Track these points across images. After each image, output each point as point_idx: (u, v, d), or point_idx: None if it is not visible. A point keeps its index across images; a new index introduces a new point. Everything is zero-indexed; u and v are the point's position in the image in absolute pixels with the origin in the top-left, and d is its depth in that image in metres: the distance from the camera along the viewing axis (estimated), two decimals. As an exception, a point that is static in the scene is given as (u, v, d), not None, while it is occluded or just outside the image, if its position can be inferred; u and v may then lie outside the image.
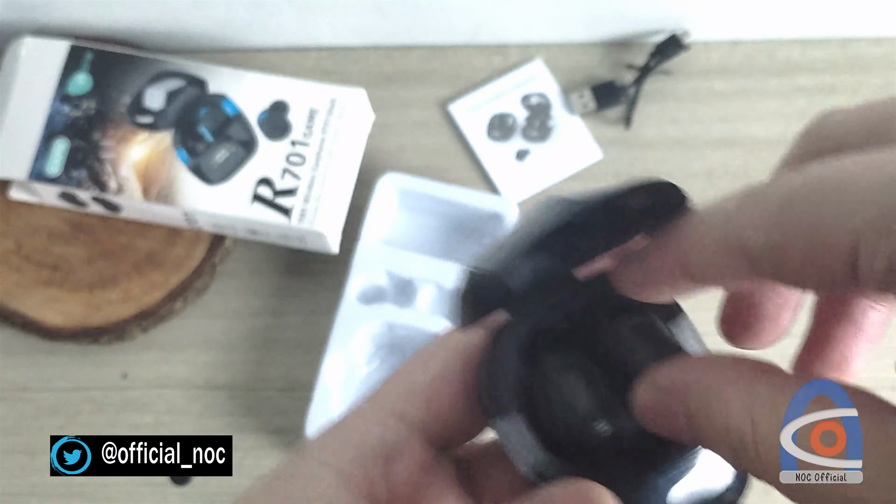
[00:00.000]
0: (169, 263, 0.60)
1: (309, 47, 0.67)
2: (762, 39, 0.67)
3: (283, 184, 0.58)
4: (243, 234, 0.60)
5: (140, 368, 0.61)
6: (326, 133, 0.59)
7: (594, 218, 0.20)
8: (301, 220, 0.57)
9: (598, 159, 0.65)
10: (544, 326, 0.22)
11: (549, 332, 0.22)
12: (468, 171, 0.65)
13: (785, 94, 0.66)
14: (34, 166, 0.59)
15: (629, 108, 0.65)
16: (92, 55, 0.61)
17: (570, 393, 0.21)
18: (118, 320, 0.59)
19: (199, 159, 0.58)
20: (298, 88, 0.60)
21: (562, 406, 0.21)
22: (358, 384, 0.59)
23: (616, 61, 0.67)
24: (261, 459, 0.58)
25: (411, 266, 0.58)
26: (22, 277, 0.60)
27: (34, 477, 0.58)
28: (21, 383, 0.60)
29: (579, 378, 0.21)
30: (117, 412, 0.60)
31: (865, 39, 0.67)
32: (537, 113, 0.66)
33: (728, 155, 0.64)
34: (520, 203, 0.63)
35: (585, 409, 0.21)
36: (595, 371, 0.21)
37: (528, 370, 0.22)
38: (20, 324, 0.60)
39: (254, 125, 0.59)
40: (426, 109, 0.66)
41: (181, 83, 0.60)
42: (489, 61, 0.67)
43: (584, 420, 0.21)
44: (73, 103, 0.60)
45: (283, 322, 0.61)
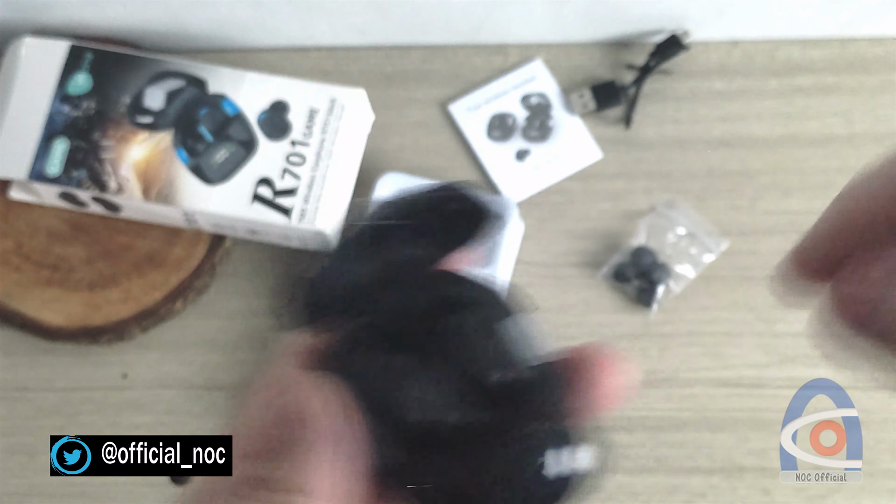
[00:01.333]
0: (169, 263, 0.61)
1: (309, 47, 0.67)
2: (762, 39, 0.67)
3: (283, 184, 0.58)
4: (243, 234, 0.60)
5: (140, 368, 0.61)
6: (326, 133, 0.59)
7: (408, 214, 0.21)
8: (301, 220, 0.57)
9: (598, 159, 0.65)
10: (375, 325, 0.23)
11: (379, 331, 0.23)
12: (468, 171, 0.65)
13: (785, 94, 0.66)
14: (34, 166, 0.59)
15: (629, 108, 0.65)
16: (92, 55, 0.61)
17: (416, 391, 0.22)
18: (118, 320, 0.59)
19: (199, 159, 0.58)
20: (298, 88, 0.60)
21: (411, 405, 0.22)
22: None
23: (616, 61, 0.67)
24: (261, 459, 0.58)
25: (411, 266, 0.58)
26: (22, 277, 0.60)
27: (34, 477, 0.58)
28: (21, 383, 0.60)
29: (417, 376, 0.22)
30: (117, 412, 0.60)
31: (865, 39, 0.67)
32: (537, 113, 0.66)
33: (728, 155, 0.64)
34: (520, 203, 0.63)
35: (438, 404, 0.22)
36: (430, 367, 0.22)
37: (363, 370, 0.22)
38: (20, 324, 0.60)
39: (254, 125, 0.59)
40: (426, 109, 0.66)
41: (181, 83, 0.60)
42: (489, 61, 0.67)
43: (436, 413, 0.21)
44: (73, 103, 0.60)
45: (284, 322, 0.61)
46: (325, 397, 0.21)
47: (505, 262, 0.59)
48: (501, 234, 0.59)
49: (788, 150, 0.65)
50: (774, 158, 0.64)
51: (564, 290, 0.62)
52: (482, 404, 0.21)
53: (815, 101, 0.66)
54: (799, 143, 0.65)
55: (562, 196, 0.64)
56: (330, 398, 0.21)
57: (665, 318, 0.61)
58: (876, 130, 0.65)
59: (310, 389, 0.21)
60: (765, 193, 0.63)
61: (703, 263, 0.61)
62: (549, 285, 0.62)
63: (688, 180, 0.64)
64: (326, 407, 0.21)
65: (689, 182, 0.64)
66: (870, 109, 0.65)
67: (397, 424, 0.21)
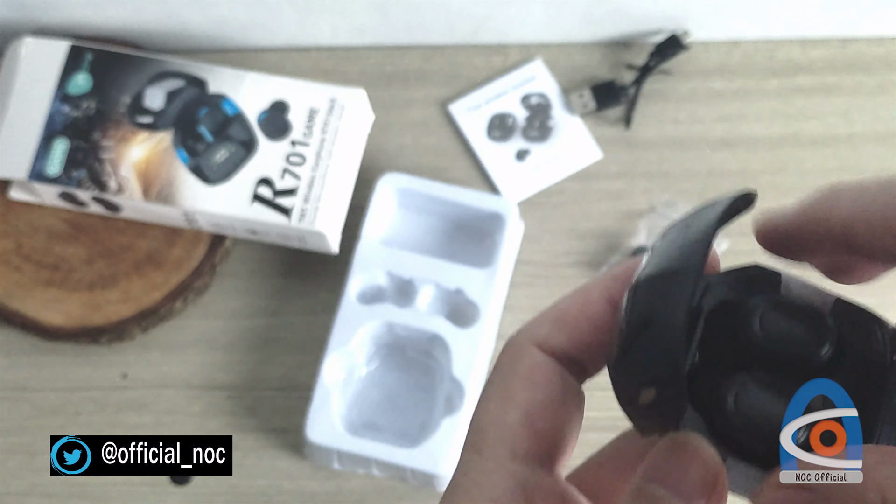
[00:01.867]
0: (169, 263, 0.61)
1: (309, 47, 0.67)
2: (762, 39, 0.67)
3: (283, 184, 0.58)
4: (243, 234, 0.60)
5: (140, 368, 0.61)
6: (326, 133, 0.59)
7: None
8: (301, 220, 0.57)
9: (598, 159, 0.65)
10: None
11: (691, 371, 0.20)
12: (468, 171, 0.65)
13: (785, 94, 0.66)
14: (34, 166, 0.59)
15: (629, 108, 0.65)
16: (92, 55, 0.61)
17: (759, 408, 0.19)
18: (118, 320, 0.59)
19: (199, 159, 0.58)
20: (298, 88, 0.60)
21: (758, 424, 0.19)
22: (358, 384, 0.59)
23: (616, 61, 0.67)
24: (261, 459, 0.58)
25: (411, 266, 0.58)
26: (22, 277, 0.60)
27: (34, 477, 0.58)
28: (21, 383, 0.60)
29: (757, 389, 0.19)
30: (117, 412, 0.60)
31: (865, 39, 0.67)
32: (537, 113, 0.66)
33: (728, 155, 0.64)
34: (520, 203, 0.63)
35: (776, 414, 0.19)
36: (757, 372, 0.20)
37: (703, 416, 0.20)
38: (20, 324, 0.60)
39: (254, 125, 0.59)
40: (426, 109, 0.66)
41: (181, 83, 0.60)
42: (489, 61, 0.67)
43: (776, 426, 0.19)
44: (73, 103, 0.60)
45: (283, 322, 0.61)
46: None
47: (505, 262, 0.59)
48: (501, 234, 0.59)
49: (788, 150, 0.65)
50: (774, 158, 0.64)
51: (564, 290, 0.61)
52: None
53: (815, 101, 0.66)
54: (799, 143, 0.65)
55: (562, 196, 0.64)
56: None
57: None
58: (876, 130, 0.65)
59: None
60: (765, 193, 0.63)
61: (703, 263, 0.61)
62: (549, 285, 0.62)
63: (688, 180, 0.64)
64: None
65: (689, 182, 0.64)
66: (870, 109, 0.65)
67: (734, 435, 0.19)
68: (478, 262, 0.59)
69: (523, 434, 0.21)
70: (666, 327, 0.19)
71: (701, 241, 0.19)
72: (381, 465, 0.55)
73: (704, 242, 0.19)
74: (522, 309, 0.61)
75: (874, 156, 0.65)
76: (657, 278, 0.19)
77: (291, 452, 0.59)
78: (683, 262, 0.19)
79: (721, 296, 0.21)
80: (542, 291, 0.62)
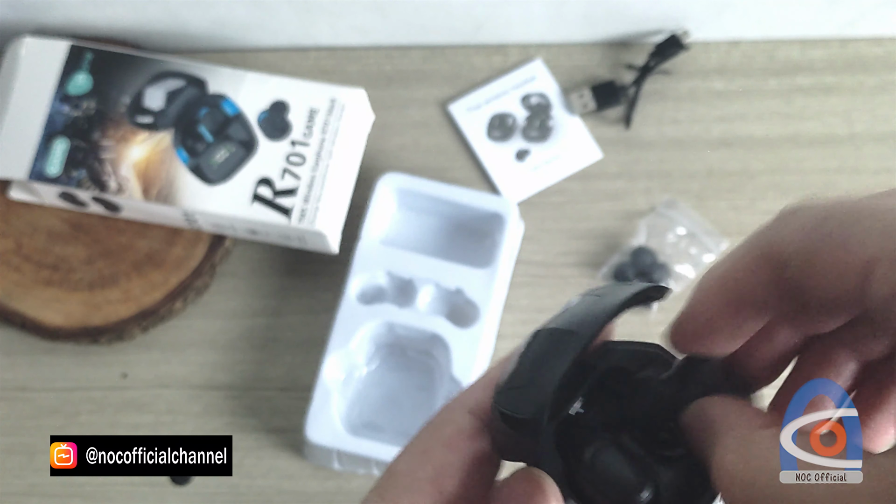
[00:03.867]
0: (169, 263, 0.61)
1: (309, 47, 0.68)
2: (762, 39, 0.67)
3: (283, 184, 0.58)
4: (243, 234, 0.60)
5: (140, 368, 0.61)
6: (326, 133, 0.59)
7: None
8: (301, 220, 0.57)
9: (598, 159, 0.65)
10: (567, 415, 0.23)
11: (571, 418, 0.23)
12: (468, 171, 0.65)
13: (785, 94, 0.66)
14: (34, 166, 0.59)
15: (629, 108, 0.65)
16: (92, 55, 0.61)
17: (610, 473, 0.22)
18: (118, 320, 0.59)
19: (199, 159, 0.58)
20: (298, 88, 0.60)
21: (607, 488, 0.21)
22: (358, 384, 0.59)
23: (616, 61, 0.67)
24: (261, 459, 0.59)
25: (411, 266, 0.58)
26: (22, 277, 0.60)
27: (34, 477, 0.58)
28: (21, 383, 0.60)
29: (614, 454, 0.22)
30: (117, 412, 0.60)
31: (865, 39, 0.67)
32: (537, 113, 0.66)
33: (728, 155, 0.64)
34: (520, 203, 0.63)
35: (630, 484, 0.21)
36: (623, 437, 0.22)
37: (564, 459, 0.22)
38: (20, 324, 0.60)
39: (254, 125, 0.59)
40: (426, 109, 0.66)
41: (181, 83, 0.60)
42: (489, 61, 0.67)
43: (630, 495, 0.21)
44: (73, 103, 0.60)
45: (283, 322, 0.62)
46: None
47: (505, 262, 0.59)
48: (501, 234, 0.59)
49: (788, 150, 0.65)
50: (774, 158, 0.64)
51: (564, 290, 0.62)
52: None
53: (814, 101, 0.66)
54: (799, 143, 0.65)
55: (562, 196, 0.64)
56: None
57: (665, 319, 0.61)
58: (876, 130, 0.65)
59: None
60: (765, 193, 0.63)
61: (703, 263, 0.61)
62: (549, 285, 0.62)
63: (688, 180, 0.64)
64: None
65: (689, 182, 0.64)
66: (870, 109, 0.65)
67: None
68: (478, 262, 0.59)
69: (429, 491, 0.22)
70: (545, 374, 0.21)
71: (604, 314, 0.22)
72: (381, 465, 0.55)
73: (606, 316, 0.21)
74: (522, 309, 0.61)
75: (874, 156, 0.65)
76: (557, 332, 0.22)
77: (291, 452, 0.59)
78: (583, 327, 0.22)
79: (616, 362, 0.23)
80: (542, 291, 0.62)
